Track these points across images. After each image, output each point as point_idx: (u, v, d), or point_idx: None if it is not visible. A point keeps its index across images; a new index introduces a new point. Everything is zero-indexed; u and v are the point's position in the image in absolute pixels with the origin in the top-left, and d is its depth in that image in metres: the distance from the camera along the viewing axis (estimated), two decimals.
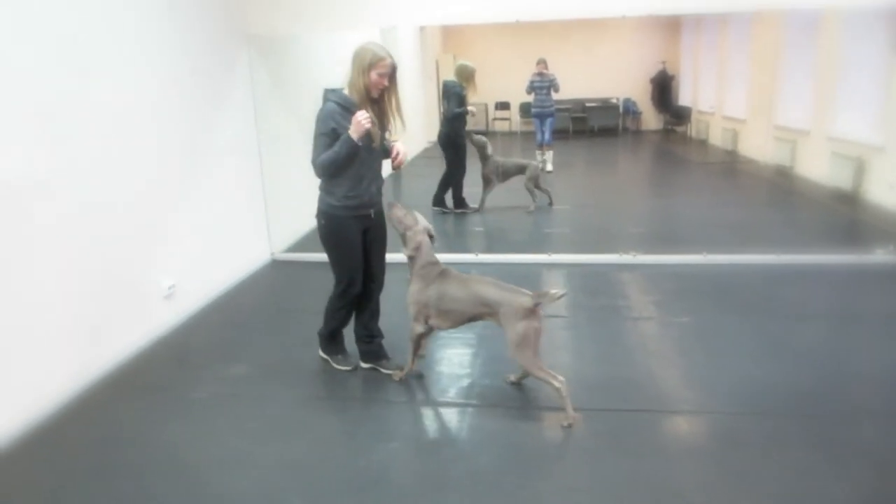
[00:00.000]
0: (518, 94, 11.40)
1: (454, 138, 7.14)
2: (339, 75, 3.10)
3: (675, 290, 4.64)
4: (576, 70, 13.06)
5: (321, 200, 3.21)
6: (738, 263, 5.06)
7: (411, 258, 3.20)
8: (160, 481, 2.63)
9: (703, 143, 12.69)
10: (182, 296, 4.22)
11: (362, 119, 2.95)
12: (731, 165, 10.29)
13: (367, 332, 3.47)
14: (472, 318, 3.14)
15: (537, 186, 7.31)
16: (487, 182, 7.33)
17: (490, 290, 3.04)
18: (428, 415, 3.11)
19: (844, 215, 6.82)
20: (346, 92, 3.08)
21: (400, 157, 3.21)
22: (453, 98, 7.01)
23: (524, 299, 2.95)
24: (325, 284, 3.26)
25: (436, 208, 7.36)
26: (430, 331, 3.28)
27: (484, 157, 7.26)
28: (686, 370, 3.46)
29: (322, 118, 3.05)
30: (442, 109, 7.22)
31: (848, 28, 7.54)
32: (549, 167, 9.81)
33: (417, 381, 3.40)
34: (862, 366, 3.43)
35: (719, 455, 2.70)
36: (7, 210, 2.90)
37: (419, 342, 3.29)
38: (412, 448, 2.83)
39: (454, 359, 3.64)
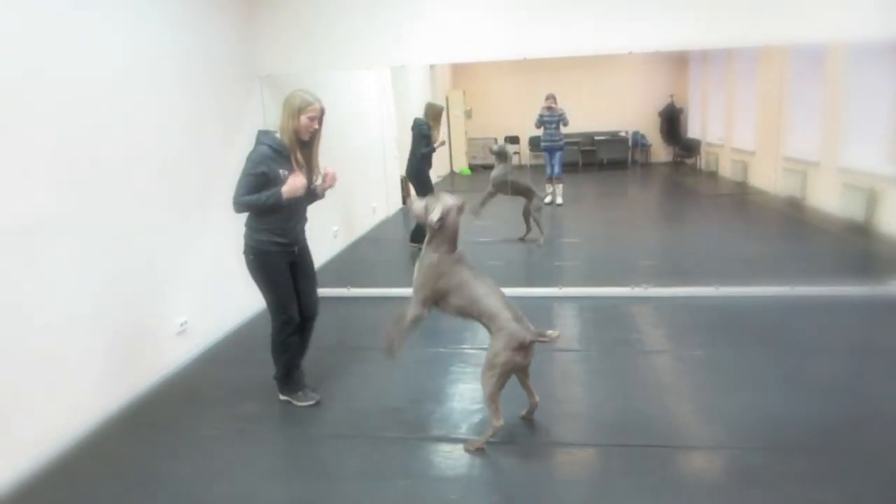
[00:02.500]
0: (527, 128, 11.50)
1: (422, 172, 7.21)
2: (351, 111, 3.21)
3: (687, 323, 4.61)
4: (584, 104, 13.17)
5: (248, 237, 3.28)
6: (751, 296, 5.02)
7: (434, 228, 3.05)
8: None
9: (712, 175, 12.70)
10: (194, 332, 4.24)
11: (300, 186, 3.15)
12: (741, 197, 10.28)
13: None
14: (470, 317, 3.09)
15: (535, 217, 7.28)
16: (495, 187, 7.31)
17: (492, 304, 2.98)
18: (440, 451, 3.07)
19: (857, 246, 6.78)
20: (277, 135, 3.21)
21: (329, 179, 3.36)
22: (421, 138, 7.13)
23: (523, 333, 2.92)
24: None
25: (413, 245, 7.26)
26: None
27: (502, 162, 7.28)
28: (701, 405, 3.42)
29: (253, 160, 3.15)
30: (411, 146, 7.29)
31: (855, 59, 7.58)
32: (560, 200, 9.85)
33: (430, 417, 3.38)
34: (880, 401, 3.37)
35: (735, 491, 2.66)
36: (21, 248, 2.95)
37: (411, 327, 3.13)
38: (424, 485, 2.80)
39: (466, 394, 3.61)
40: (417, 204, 3.17)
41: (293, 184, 3.13)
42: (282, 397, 3.55)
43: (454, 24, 5.08)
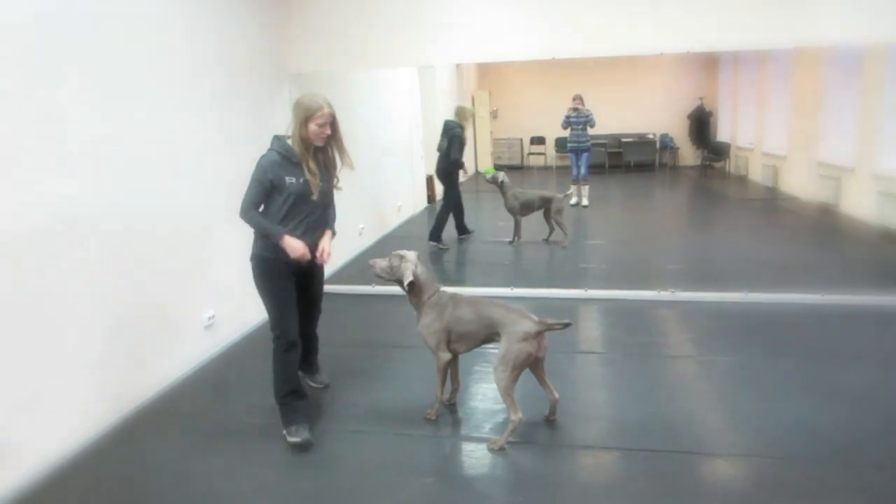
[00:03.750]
0: (553, 129, 11.45)
1: (450, 173, 7.38)
2: (378, 110, 3.18)
3: (714, 329, 4.55)
4: (612, 105, 13.08)
5: (254, 244, 3.16)
6: (780, 302, 4.94)
7: (412, 290, 3.22)
8: None
9: (742, 180, 12.53)
10: (221, 326, 4.30)
11: (299, 253, 3.02)
12: (771, 202, 10.11)
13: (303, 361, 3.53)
14: (485, 341, 3.21)
15: (556, 220, 7.25)
16: (515, 214, 7.34)
17: (497, 311, 3.12)
18: (463, 450, 3.08)
19: (892, 255, 6.62)
20: (289, 142, 3.06)
21: (324, 255, 3.20)
22: (455, 140, 7.24)
23: (528, 323, 3.02)
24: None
25: (431, 243, 7.45)
26: (455, 356, 3.31)
27: (502, 192, 7.32)
28: (727, 412, 3.37)
29: (262, 166, 3.03)
30: (440, 145, 7.41)
31: (894, 62, 7.41)
32: (585, 202, 9.79)
33: (452, 416, 3.38)
34: None
35: (761, 501, 2.61)
36: (54, 243, 3.02)
37: (447, 370, 3.28)
38: (448, 484, 2.80)
39: (489, 394, 3.61)
40: (380, 264, 3.24)
41: (293, 247, 3.01)
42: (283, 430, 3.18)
43: (483, 23, 5.08)
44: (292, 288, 3.18)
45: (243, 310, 4.50)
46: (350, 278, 5.41)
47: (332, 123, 3.04)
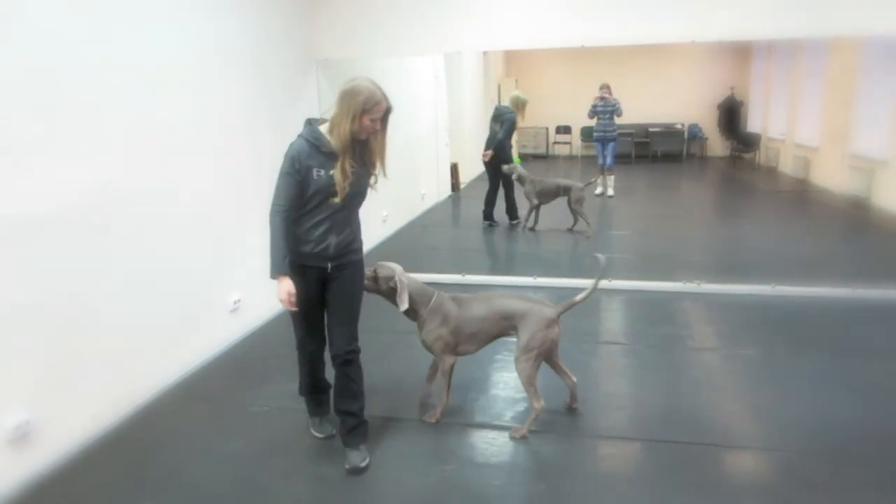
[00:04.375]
0: (579, 118, 11.35)
1: (501, 160, 7.54)
2: (404, 97, 3.05)
3: (740, 322, 4.50)
4: (639, 94, 12.91)
5: None
6: (809, 296, 4.86)
7: (411, 307, 3.05)
8: (221, 492, 2.71)
9: (772, 171, 12.31)
10: (247, 310, 4.35)
11: (283, 297, 2.69)
12: (802, 194, 9.93)
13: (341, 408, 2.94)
14: (497, 336, 3.19)
15: (576, 210, 7.22)
16: (531, 201, 7.36)
17: (513, 303, 3.11)
18: (485, 438, 3.09)
19: None
20: (323, 129, 2.68)
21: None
22: (507, 123, 7.50)
23: (548, 310, 3.04)
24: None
25: (486, 222, 7.85)
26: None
27: (520, 181, 7.35)
28: (752, 405, 3.34)
29: (289, 157, 2.65)
30: (494, 131, 7.67)
31: None
32: (611, 192, 9.71)
33: (474, 404, 3.40)
34: None
35: (786, 494, 2.59)
36: (87, 222, 3.08)
37: (452, 373, 3.20)
38: (469, 471, 2.82)
39: (511, 382, 3.61)
40: (369, 280, 3.01)
41: (279, 289, 2.70)
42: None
43: (510, 10, 5.04)
44: (312, 293, 2.80)
45: (269, 294, 4.55)
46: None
47: (385, 119, 2.69)
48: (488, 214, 7.85)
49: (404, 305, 3.01)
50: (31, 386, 2.82)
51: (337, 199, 2.67)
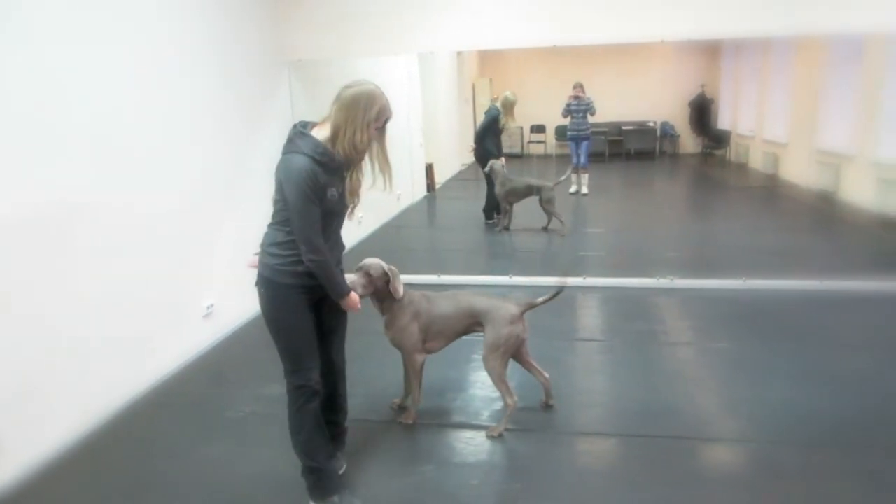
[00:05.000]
0: (553, 117, 11.39)
1: (489, 157, 7.61)
2: None
3: (713, 316, 4.56)
4: (612, 93, 13.02)
5: (264, 264, 2.42)
6: (779, 289, 4.95)
7: (386, 297, 3.00)
8: (198, 497, 2.68)
9: (742, 167, 12.49)
10: (220, 315, 4.30)
11: (355, 305, 2.52)
12: (771, 189, 10.10)
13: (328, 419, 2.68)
14: (462, 333, 3.19)
15: (548, 209, 7.25)
16: (504, 201, 7.40)
17: (478, 300, 3.13)
18: (462, 438, 3.09)
19: (891, 242, 6.62)
20: (320, 137, 2.35)
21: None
22: (485, 118, 7.75)
23: (512, 307, 3.06)
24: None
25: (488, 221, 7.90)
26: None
27: (493, 180, 7.40)
28: (725, 397, 3.39)
29: (303, 180, 2.25)
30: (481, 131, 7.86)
31: (893, 50, 7.38)
32: (585, 190, 9.78)
33: (451, 405, 3.40)
34: None
35: (759, 485, 2.63)
36: (54, 227, 3.02)
37: (422, 372, 3.15)
38: (446, 471, 2.82)
39: (486, 382, 3.60)
40: (360, 282, 2.88)
41: (354, 303, 2.52)
42: None
43: (484, 10, 5.05)
44: (311, 319, 2.50)
45: (242, 299, 4.51)
46: (348, 269, 5.39)
47: (384, 127, 2.47)
48: (489, 213, 7.93)
49: (401, 291, 2.98)
50: (1, 396, 2.75)
51: (349, 214, 2.52)
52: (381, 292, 2.97)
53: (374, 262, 2.96)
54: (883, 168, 7.41)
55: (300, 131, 2.37)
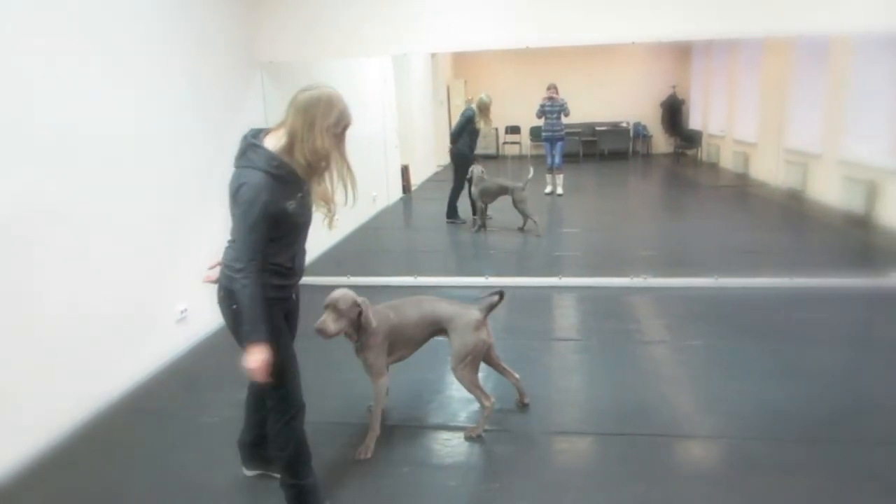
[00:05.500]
0: (528, 119, 11.44)
1: (464, 156, 7.80)
2: (351, 99, 2.64)
3: (686, 314, 4.62)
4: (586, 94, 13.13)
5: (230, 278, 2.19)
6: (750, 287, 5.03)
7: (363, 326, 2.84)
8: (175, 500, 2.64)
9: (713, 167, 12.68)
10: (194, 320, 4.25)
11: (261, 371, 2.16)
12: (741, 189, 10.27)
13: (261, 432, 2.62)
14: (426, 339, 3.16)
15: (521, 209, 7.30)
16: (478, 202, 7.46)
17: (441, 307, 3.09)
18: (439, 439, 3.09)
19: (857, 239, 6.78)
20: (270, 144, 2.20)
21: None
22: (460, 118, 7.85)
23: (474, 312, 3.05)
24: None
25: (449, 221, 7.99)
26: None
27: (469, 181, 7.50)
28: (699, 395, 3.43)
29: (253, 200, 2.10)
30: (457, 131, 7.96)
31: (859, 51, 7.55)
32: (560, 190, 9.85)
33: (428, 406, 3.40)
34: (876, 391, 3.39)
35: (732, 480, 2.68)
36: (20, 232, 2.96)
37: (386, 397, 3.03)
38: (424, 472, 2.82)
39: None
40: (331, 326, 2.75)
41: (257, 362, 2.14)
42: None
43: (456, 12, 5.06)
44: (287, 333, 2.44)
45: (215, 304, 4.47)
46: (325, 271, 5.37)
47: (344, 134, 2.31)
48: (450, 213, 8.06)
49: (374, 323, 2.84)
50: None
51: (329, 224, 2.34)
52: (353, 324, 2.82)
53: (342, 294, 2.77)
54: (848, 166, 7.59)
55: (251, 143, 2.20)
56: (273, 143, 2.21)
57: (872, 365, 3.72)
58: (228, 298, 2.26)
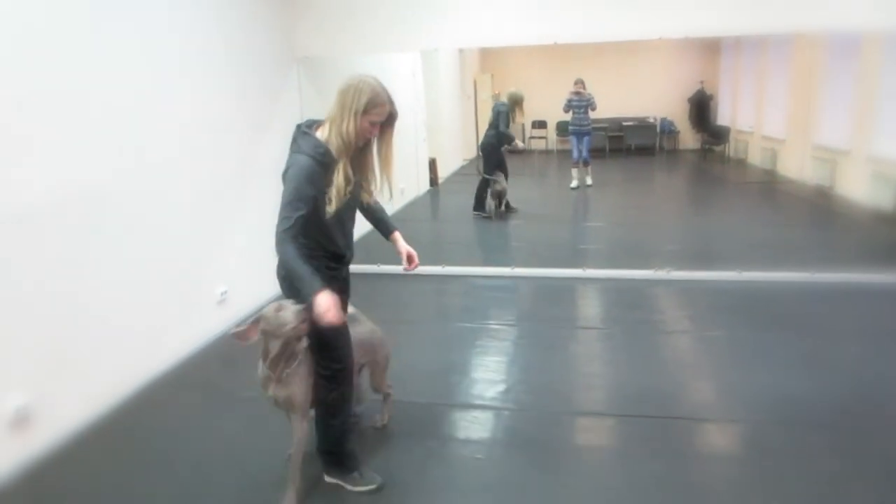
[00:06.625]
0: (554, 113, 11.52)
1: (495, 149, 7.88)
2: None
3: (708, 306, 4.71)
4: (613, 89, 13.15)
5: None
6: (773, 281, 5.09)
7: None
8: (217, 469, 2.85)
9: (741, 163, 12.63)
10: (233, 302, 4.45)
11: (331, 315, 2.24)
12: (769, 185, 10.23)
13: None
14: None
15: (498, 200, 7.71)
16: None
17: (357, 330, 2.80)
18: (464, 417, 3.25)
19: (884, 236, 6.76)
20: (321, 135, 2.39)
21: (415, 262, 2.80)
22: (501, 116, 7.79)
23: (377, 328, 3.00)
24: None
25: (476, 213, 8.10)
26: None
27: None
28: (719, 382, 3.55)
29: (300, 178, 2.30)
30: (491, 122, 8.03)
31: (889, 48, 7.51)
32: (589, 181, 9.98)
33: (455, 385, 3.55)
34: (892, 381, 3.46)
35: (747, 461, 2.79)
36: (78, 215, 3.18)
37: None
38: (451, 446, 2.98)
39: (490, 365, 3.78)
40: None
41: (327, 306, 2.22)
42: (328, 479, 2.67)
43: (486, 9, 5.17)
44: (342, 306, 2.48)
45: (254, 286, 4.66)
46: (356, 259, 5.54)
47: (386, 125, 2.46)
48: (478, 205, 8.14)
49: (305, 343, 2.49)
50: (30, 373, 2.92)
51: (331, 209, 2.36)
52: (290, 344, 2.40)
53: (277, 310, 2.35)
54: (877, 163, 7.56)
55: (303, 131, 2.43)
56: (322, 132, 2.41)
57: (889, 357, 3.78)
58: (281, 269, 2.44)
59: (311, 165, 2.33)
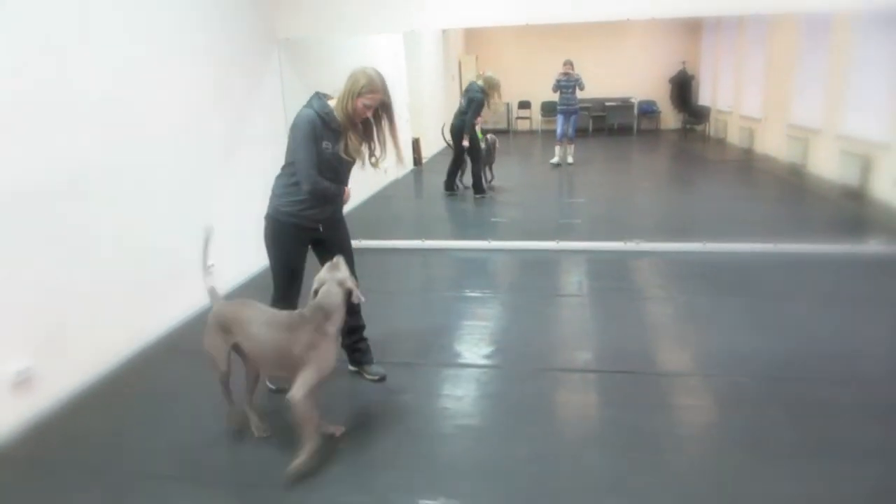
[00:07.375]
0: (539, 93, 11.65)
1: (461, 131, 7.89)
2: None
3: (676, 275, 4.97)
4: (596, 70, 13.27)
5: (270, 203, 3.08)
6: (737, 252, 5.35)
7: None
8: (212, 428, 3.03)
9: (720, 142, 12.87)
10: (220, 275, 4.63)
11: (348, 195, 3.16)
12: (746, 163, 10.49)
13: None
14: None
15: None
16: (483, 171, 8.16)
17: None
18: (446, 373, 3.48)
19: (848, 210, 7.04)
20: (332, 103, 2.94)
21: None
22: (473, 104, 7.75)
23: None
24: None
25: (447, 192, 8.28)
26: None
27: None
28: (685, 341, 3.86)
29: (304, 124, 2.88)
30: (461, 105, 7.96)
31: (860, 29, 7.73)
32: (571, 159, 10.23)
33: (431, 346, 3.77)
34: (833, 340, 3.74)
35: (713, 410, 3.08)
36: (72, 195, 3.37)
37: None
38: (425, 398, 3.22)
39: (465, 328, 4.01)
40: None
41: (348, 192, 3.15)
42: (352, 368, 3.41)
43: None
44: (303, 258, 3.14)
45: (241, 257, 4.86)
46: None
47: (381, 110, 2.97)
48: (449, 185, 8.29)
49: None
50: (31, 337, 3.12)
51: (374, 163, 3.11)
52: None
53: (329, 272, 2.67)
54: (845, 141, 7.81)
55: (317, 93, 2.98)
56: (332, 103, 2.96)
57: (835, 319, 4.05)
58: (266, 218, 3.09)
59: (314, 118, 2.87)
